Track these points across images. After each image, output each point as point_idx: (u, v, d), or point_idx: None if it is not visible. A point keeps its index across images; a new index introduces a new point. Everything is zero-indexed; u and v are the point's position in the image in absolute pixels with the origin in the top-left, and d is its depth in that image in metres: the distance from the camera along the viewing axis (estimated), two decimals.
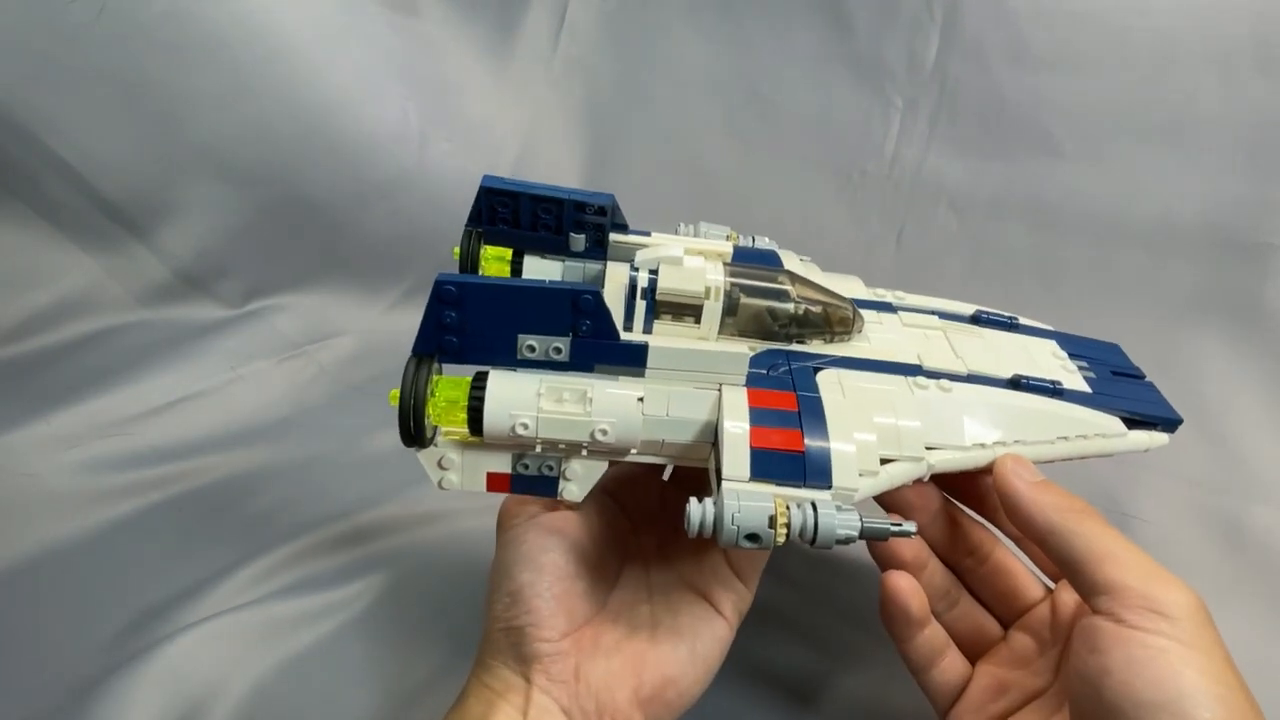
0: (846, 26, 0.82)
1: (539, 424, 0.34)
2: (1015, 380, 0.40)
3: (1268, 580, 0.62)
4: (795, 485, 0.32)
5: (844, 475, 0.33)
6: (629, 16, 0.92)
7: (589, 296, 0.34)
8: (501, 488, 0.38)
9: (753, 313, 0.39)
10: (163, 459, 0.68)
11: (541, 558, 0.38)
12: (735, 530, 0.30)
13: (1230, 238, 0.71)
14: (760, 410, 0.34)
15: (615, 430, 0.34)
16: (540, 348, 0.35)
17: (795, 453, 0.33)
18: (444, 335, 0.35)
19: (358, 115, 0.82)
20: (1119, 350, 0.48)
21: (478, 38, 0.91)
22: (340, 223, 0.83)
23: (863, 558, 0.62)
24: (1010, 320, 0.47)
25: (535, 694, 0.36)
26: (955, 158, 0.80)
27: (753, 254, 0.47)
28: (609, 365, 0.36)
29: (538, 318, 0.35)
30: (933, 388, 0.39)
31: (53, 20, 0.67)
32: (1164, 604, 0.31)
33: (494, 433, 0.35)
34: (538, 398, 0.35)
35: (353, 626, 0.56)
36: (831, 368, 0.39)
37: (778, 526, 0.30)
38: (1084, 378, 0.43)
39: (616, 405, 0.35)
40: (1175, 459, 0.68)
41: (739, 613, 0.40)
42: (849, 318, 0.41)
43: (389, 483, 0.67)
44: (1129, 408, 0.41)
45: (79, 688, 0.49)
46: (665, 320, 0.39)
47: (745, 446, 0.33)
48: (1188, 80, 0.71)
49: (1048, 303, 0.77)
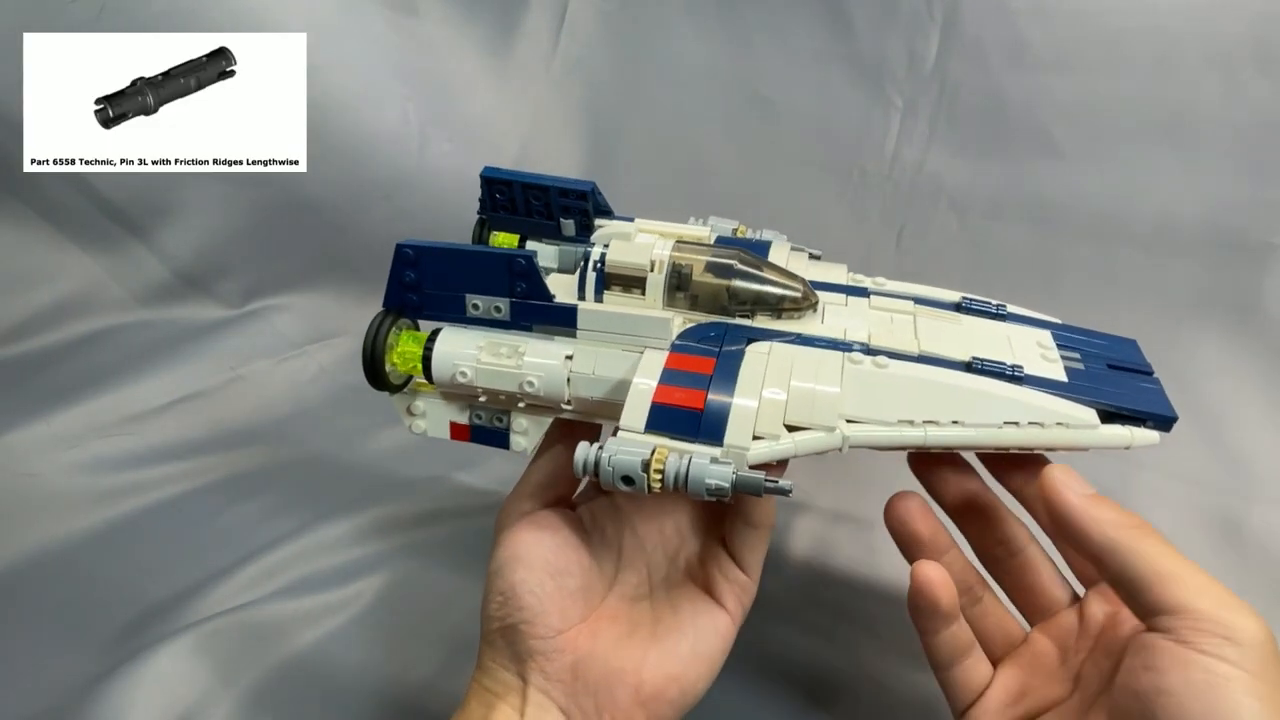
0: (846, 26, 0.82)
1: (477, 373, 0.39)
2: (969, 363, 0.39)
3: (1268, 580, 0.62)
4: (687, 440, 0.33)
5: (737, 435, 0.33)
6: (629, 16, 0.92)
7: (522, 260, 0.38)
8: (462, 436, 0.43)
9: (706, 290, 0.41)
10: (163, 459, 0.68)
11: (533, 555, 0.38)
12: (611, 472, 0.32)
13: (1230, 238, 0.71)
14: (674, 371, 0.36)
15: (541, 383, 0.38)
16: (484, 306, 0.40)
17: (693, 410, 0.34)
18: (405, 293, 0.40)
19: (358, 115, 0.82)
20: (1133, 346, 0.45)
21: (478, 38, 0.91)
22: (340, 223, 0.83)
23: (870, 558, 0.63)
24: (997, 309, 0.45)
25: (532, 693, 0.36)
26: (955, 158, 0.80)
27: (737, 243, 0.48)
28: (545, 325, 0.40)
29: (480, 279, 0.39)
30: (867, 363, 0.38)
31: (53, 20, 0.67)
32: (1234, 630, 0.29)
33: (440, 380, 0.40)
34: (478, 350, 0.39)
35: (353, 626, 0.56)
36: (767, 340, 0.39)
37: (651, 473, 0.32)
38: (1067, 367, 0.40)
39: (544, 360, 0.38)
40: (1175, 459, 0.68)
41: (742, 605, 0.40)
42: (799, 297, 0.41)
43: (389, 483, 0.67)
44: (1111, 400, 0.38)
45: (79, 688, 0.49)
46: (615, 291, 0.41)
47: (647, 401, 0.34)
48: (1188, 80, 0.71)
49: (1047, 302, 0.76)
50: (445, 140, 0.89)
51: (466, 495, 0.67)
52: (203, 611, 0.55)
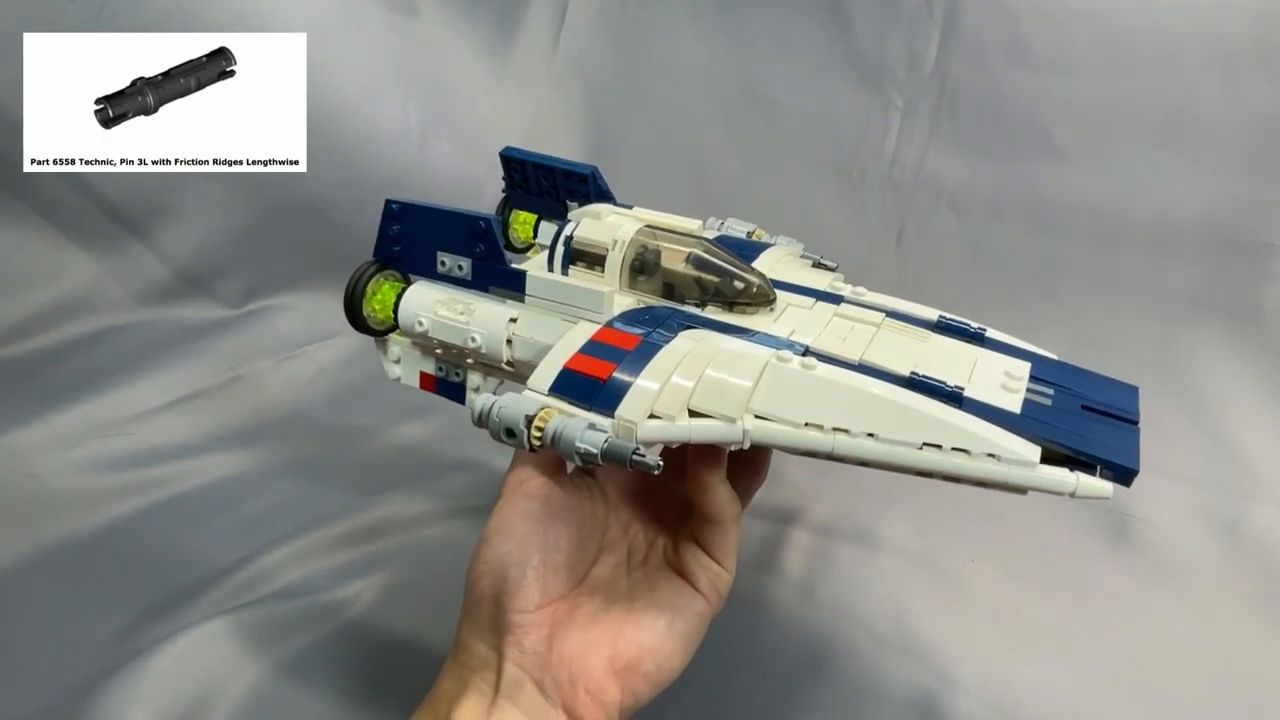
0: (846, 26, 0.82)
1: (432, 325, 0.42)
2: (908, 378, 0.35)
3: (1268, 580, 0.62)
4: (582, 406, 0.34)
5: (631, 409, 0.33)
6: (629, 16, 0.92)
7: (482, 223, 0.41)
8: (429, 387, 0.46)
9: (667, 276, 0.41)
10: (163, 459, 0.68)
11: (523, 528, 0.38)
12: (498, 423, 0.33)
13: (1230, 238, 0.71)
14: (597, 344, 0.37)
15: (484, 340, 0.40)
16: (450, 264, 0.43)
17: (596, 379, 0.35)
18: (391, 246, 0.44)
19: (358, 115, 0.82)
20: (1132, 393, 0.39)
21: (478, 38, 0.91)
22: (340, 223, 0.83)
23: (868, 560, 0.63)
24: (976, 331, 0.42)
25: (507, 667, 0.36)
26: (955, 158, 0.80)
27: (729, 243, 0.48)
28: (500, 288, 0.42)
29: (448, 238, 0.42)
30: (795, 362, 0.35)
31: (53, 20, 0.67)
32: None
33: (405, 328, 0.43)
34: (436, 304, 0.42)
35: (353, 626, 0.56)
36: (703, 328, 0.39)
37: (532, 429, 0.32)
38: (1026, 400, 0.36)
39: (490, 320, 0.41)
40: (1175, 459, 0.68)
41: (718, 592, 0.40)
42: (753, 292, 0.41)
43: (389, 483, 0.67)
44: (1060, 439, 0.33)
45: (79, 688, 0.49)
46: (579, 267, 0.43)
47: (558, 366, 0.35)
48: (1188, 80, 0.71)
49: (1047, 302, 0.77)
50: (445, 140, 0.89)
51: (466, 495, 0.67)
52: (203, 611, 0.55)
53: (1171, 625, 0.59)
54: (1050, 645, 0.56)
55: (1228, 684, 0.55)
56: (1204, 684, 0.54)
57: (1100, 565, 0.63)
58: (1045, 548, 0.64)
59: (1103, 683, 0.54)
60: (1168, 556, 0.64)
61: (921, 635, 0.57)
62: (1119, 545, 0.65)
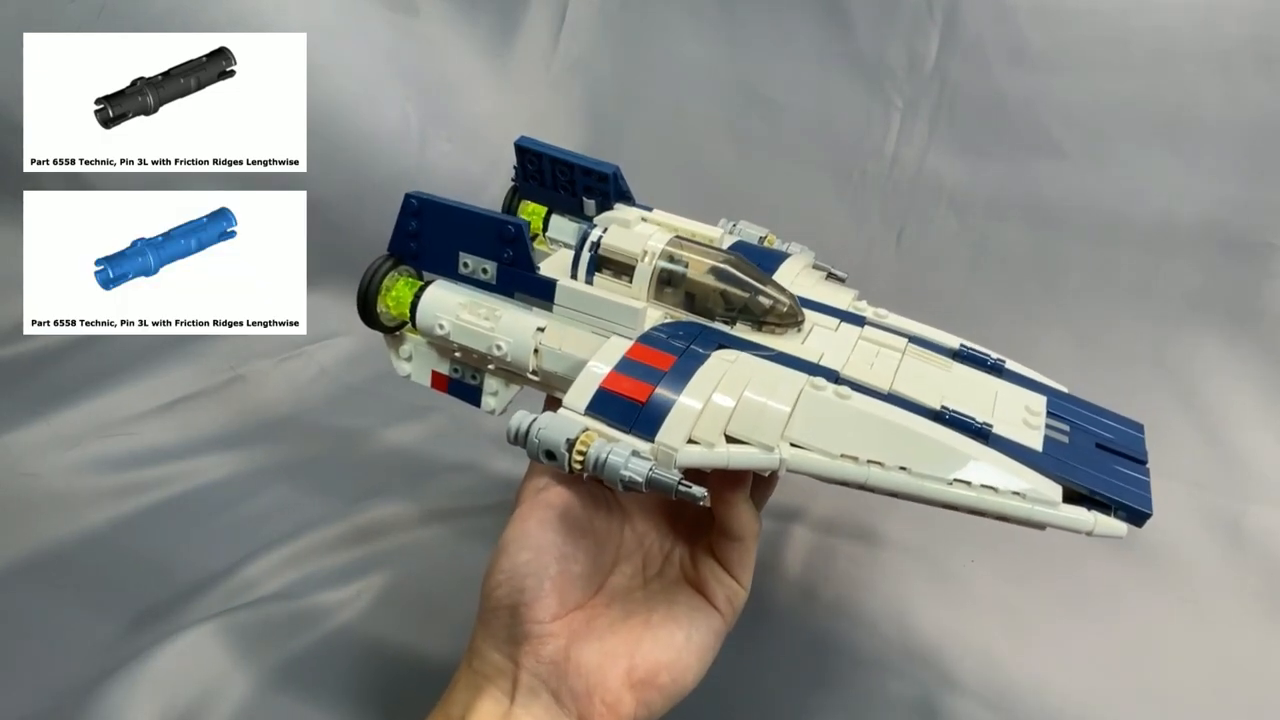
0: (847, 26, 0.82)
1: (454, 329, 0.41)
2: (939, 412, 0.36)
3: (1268, 580, 0.62)
4: (621, 429, 0.33)
5: (670, 434, 0.33)
6: (629, 16, 0.92)
7: (512, 227, 0.39)
8: (441, 387, 0.45)
9: (696, 289, 0.40)
10: (163, 459, 0.68)
11: (539, 538, 0.37)
12: (537, 444, 0.32)
13: (1230, 238, 0.71)
14: (631, 361, 0.35)
15: (510, 349, 0.40)
16: (473, 266, 0.41)
17: (635, 401, 0.34)
18: (408, 241, 0.42)
19: (358, 115, 0.82)
20: (1138, 431, 0.41)
21: (478, 38, 0.91)
22: (340, 223, 0.83)
23: (867, 559, 0.63)
24: (996, 362, 0.42)
25: (523, 676, 0.36)
26: (955, 158, 0.80)
27: (751, 252, 0.47)
28: (527, 295, 0.41)
29: (472, 239, 0.41)
30: (829, 390, 0.36)
31: (53, 20, 0.67)
32: None
33: (423, 328, 0.42)
34: (459, 307, 0.41)
35: (353, 626, 0.56)
36: (737, 349, 0.38)
37: (574, 453, 0.31)
38: (1046, 438, 0.37)
39: (516, 327, 0.40)
40: (1175, 459, 0.68)
41: (733, 606, 0.40)
42: (783, 312, 0.41)
43: (389, 483, 0.67)
44: (1082, 481, 0.35)
45: (79, 688, 0.49)
46: (605, 276, 0.41)
47: (595, 385, 0.34)
48: (1188, 80, 0.71)
49: (1047, 302, 0.77)
50: (445, 140, 0.89)
51: (466, 495, 0.67)
52: (203, 611, 0.55)
53: (1172, 626, 0.59)
54: (1051, 645, 0.56)
55: (1228, 684, 0.55)
56: (1204, 684, 0.54)
57: (1100, 566, 0.63)
58: (1046, 548, 0.64)
59: (1103, 683, 0.54)
60: (1168, 557, 0.64)
61: (922, 634, 0.57)
62: (1119, 546, 0.65)
